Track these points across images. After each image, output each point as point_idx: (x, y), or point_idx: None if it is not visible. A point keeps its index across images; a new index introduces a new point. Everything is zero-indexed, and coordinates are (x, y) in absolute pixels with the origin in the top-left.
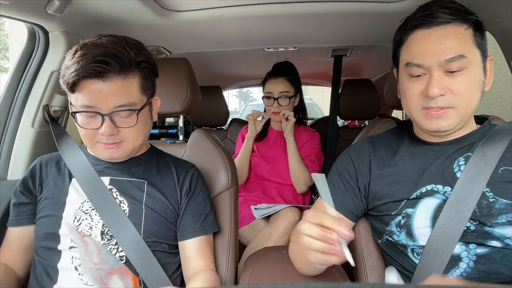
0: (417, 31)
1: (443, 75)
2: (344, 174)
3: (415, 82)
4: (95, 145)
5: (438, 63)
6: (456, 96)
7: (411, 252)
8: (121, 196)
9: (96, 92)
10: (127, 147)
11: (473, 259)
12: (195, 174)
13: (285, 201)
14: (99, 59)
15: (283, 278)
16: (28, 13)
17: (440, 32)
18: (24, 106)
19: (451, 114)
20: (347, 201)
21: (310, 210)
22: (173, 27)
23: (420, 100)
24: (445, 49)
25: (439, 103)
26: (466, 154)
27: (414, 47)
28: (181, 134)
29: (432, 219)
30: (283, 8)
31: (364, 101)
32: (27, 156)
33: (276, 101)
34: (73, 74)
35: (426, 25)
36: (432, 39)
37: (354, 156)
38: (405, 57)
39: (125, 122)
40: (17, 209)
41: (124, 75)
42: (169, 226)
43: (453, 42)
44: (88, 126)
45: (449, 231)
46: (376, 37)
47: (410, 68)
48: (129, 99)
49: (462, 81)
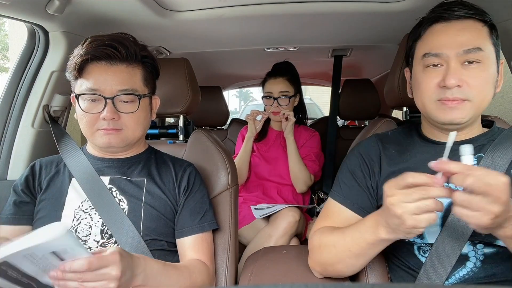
0: (435, 24)
1: (460, 67)
2: (357, 173)
3: (432, 73)
4: (94, 133)
5: (456, 53)
6: (471, 89)
7: (418, 250)
8: (120, 195)
9: (102, 75)
10: (127, 135)
11: (480, 259)
12: (193, 172)
13: (285, 201)
14: (107, 43)
15: (283, 278)
16: (28, 13)
17: (459, 26)
18: (24, 106)
19: (466, 106)
20: (363, 201)
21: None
22: (173, 27)
23: (435, 91)
24: (464, 41)
25: (455, 94)
26: (478, 154)
27: (432, 38)
28: (181, 134)
29: (442, 217)
30: (283, 8)
31: (364, 101)
32: (27, 156)
33: (275, 101)
34: (81, 56)
35: (445, 19)
36: (451, 31)
37: (365, 154)
38: (423, 49)
39: (127, 108)
40: (17, 208)
41: (128, 63)
42: (168, 223)
43: (472, 35)
44: (90, 111)
45: (459, 231)
46: (376, 37)
47: (427, 59)
48: (132, 85)
49: (478, 74)
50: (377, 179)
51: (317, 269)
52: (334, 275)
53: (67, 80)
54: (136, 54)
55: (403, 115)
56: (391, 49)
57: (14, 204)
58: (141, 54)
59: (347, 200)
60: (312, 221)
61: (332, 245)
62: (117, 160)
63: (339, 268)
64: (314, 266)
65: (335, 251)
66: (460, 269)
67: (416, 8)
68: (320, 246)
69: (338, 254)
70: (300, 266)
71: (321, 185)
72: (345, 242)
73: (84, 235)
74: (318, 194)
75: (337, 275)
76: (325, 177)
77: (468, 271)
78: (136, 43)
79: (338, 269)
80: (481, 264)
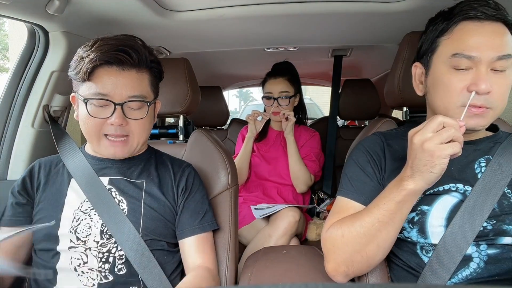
0: (467, 22)
1: (490, 72)
2: (367, 169)
3: (460, 76)
4: (100, 140)
5: (490, 58)
6: (496, 97)
7: (420, 250)
8: (120, 196)
9: (112, 81)
10: (132, 143)
11: (484, 259)
12: (191, 173)
13: (285, 201)
14: (121, 48)
15: (283, 278)
16: (28, 13)
17: (491, 28)
18: (24, 106)
19: (489, 115)
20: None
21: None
22: (173, 27)
23: (462, 95)
24: (498, 46)
25: (483, 102)
26: (486, 156)
27: (465, 38)
28: (181, 134)
29: (447, 218)
30: (283, 8)
31: (364, 101)
32: (27, 156)
33: (276, 101)
34: (92, 61)
35: (478, 18)
36: (486, 33)
37: (371, 150)
38: (452, 48)
39: (135, 114)
40: (15, 209)
41: (138, 69)
42: (167, 224)
43: (504, 40)
44: (98, 116)
45: (463, 235)
46: (376, 37)
47: (457, 59)
48: (141, 92)
49: (503, 81)
50: (383, 175)
51: (342, 269)
52: (364, 268)
53: (67, 80)
54: (146, 59)
55: (403, 115)
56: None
57: (12, 206)
58: (150, 59)
59: (362, 197)
60: (312, 221)
61: (358, 225)
62: (117, 161)
63: (371, 251)
64: (338, 266)
65: (363, 230)
66: (463, 269)
67: (416, 8)
68: (343, 236)
69: (367, 232)
70: (300, 266)
71: (321, 185)
72: (372, 214)
73: (83, 236)
74: (318, 194)
75: (367, 266)
76: (325, 177)
77: (471, 272)
78: (145, 46)
79: (370, 254)
80: (485, 265)
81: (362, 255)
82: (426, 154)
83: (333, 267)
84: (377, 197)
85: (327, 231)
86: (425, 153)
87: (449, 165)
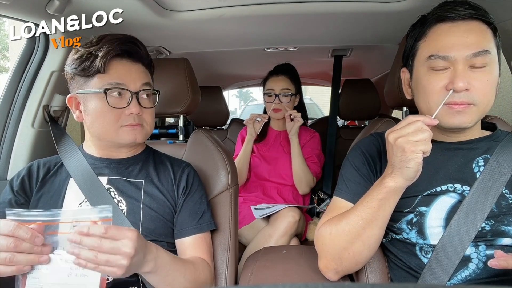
0: (440, 24)
1: (467, 70)
2: (362, 170)
3: (438, 76)
4: (118, 130)
5: (465, 56)
6: (477, 93)
7: (420, 251)
8: (119, 196)
9: (126, 70)
10: (147, 131)
11: (482, 260)
12: (191, 173)
13: (285, 201)
14: (130, 41)
15: (283, 278)
16: (28, 13)
17: (465, 27)
18: (24, 106)
19: (472, 111)
20: None
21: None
22: (173, 27)
23: (441, 94)
24: (472, 43)
25: (462, 98)
26: (484, 155)
27: (439, 39)
28: (181, 134)
29: (445, 219)
30: (283, 8)
31: (364, 101)
32: (27, 156)
33: (277, 97)
34: (109, 52)
35: (451, 19)
36: (458, 32)
37: (367, 151)
38: (428, 50)
39: (147, 103)
40: (12, 207)
41: (143, 62)
42: (167, 224)
43: (479, 37)
44: (117, 106)
45: (462, 235)
46: (376, 37)
47: (433, 61)
48: (150, 80)
49: (484, 77)
50: (379, 176)
51: (332, 266)
52: (352, 266)
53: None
54: (148, 56)
55: (403, 115)
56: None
57: (10, 203)
58: (149, 57)
59: (355, 197)
60: (312, 221)
61: (344, 223)
62: (115, 161)
63: (357, 248)
64: (328, 263)
65: (348, 228)
66: (462, 270)
67: (416, 8)
68: (331, 233)
69: (352, 230)
70: (300, 266)
71: (321, 185)
72: (356, 212)
73: None
74: (318, 194)
75: (355, 264)
76: (325, 177)
77: (470, 273)
78: (142, 44)
79: (356, 251)
80: (484, 266)
81: (349, 252)
82: (399, 150)
83: (324, 263)
84: (363, 196)
85: (319, 229)
86: (399, 149)
87: (446, 166)
